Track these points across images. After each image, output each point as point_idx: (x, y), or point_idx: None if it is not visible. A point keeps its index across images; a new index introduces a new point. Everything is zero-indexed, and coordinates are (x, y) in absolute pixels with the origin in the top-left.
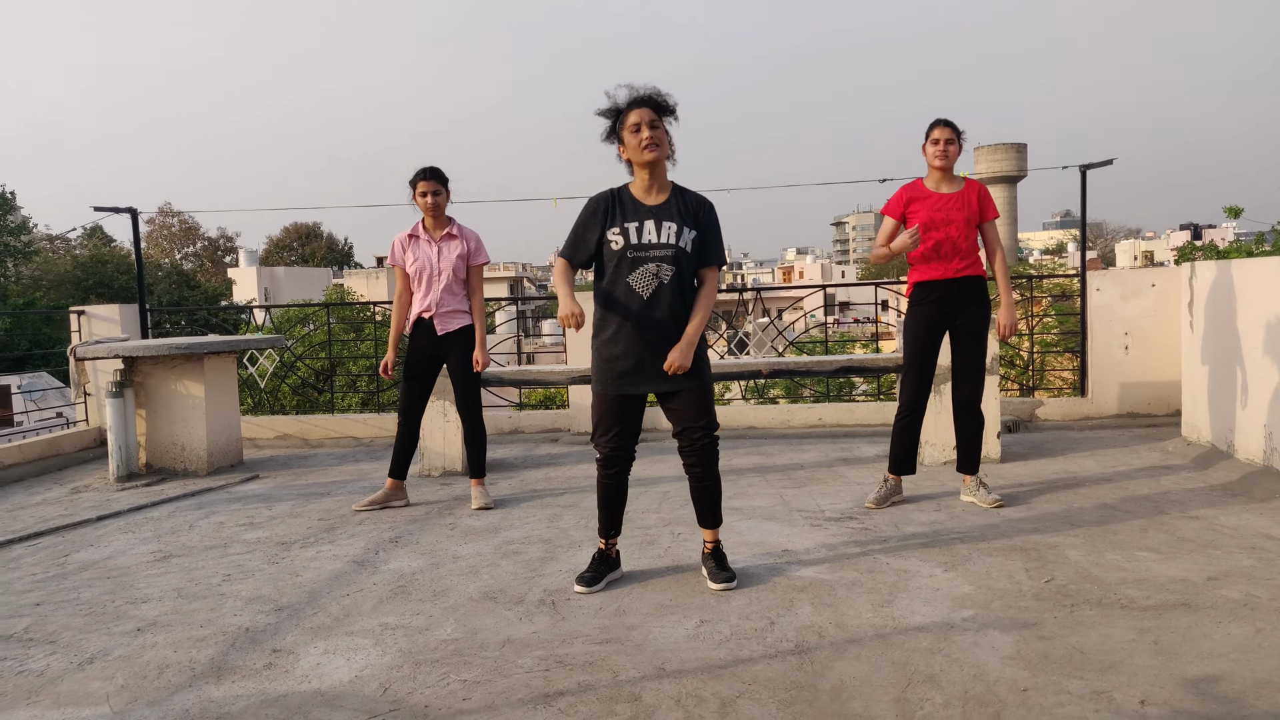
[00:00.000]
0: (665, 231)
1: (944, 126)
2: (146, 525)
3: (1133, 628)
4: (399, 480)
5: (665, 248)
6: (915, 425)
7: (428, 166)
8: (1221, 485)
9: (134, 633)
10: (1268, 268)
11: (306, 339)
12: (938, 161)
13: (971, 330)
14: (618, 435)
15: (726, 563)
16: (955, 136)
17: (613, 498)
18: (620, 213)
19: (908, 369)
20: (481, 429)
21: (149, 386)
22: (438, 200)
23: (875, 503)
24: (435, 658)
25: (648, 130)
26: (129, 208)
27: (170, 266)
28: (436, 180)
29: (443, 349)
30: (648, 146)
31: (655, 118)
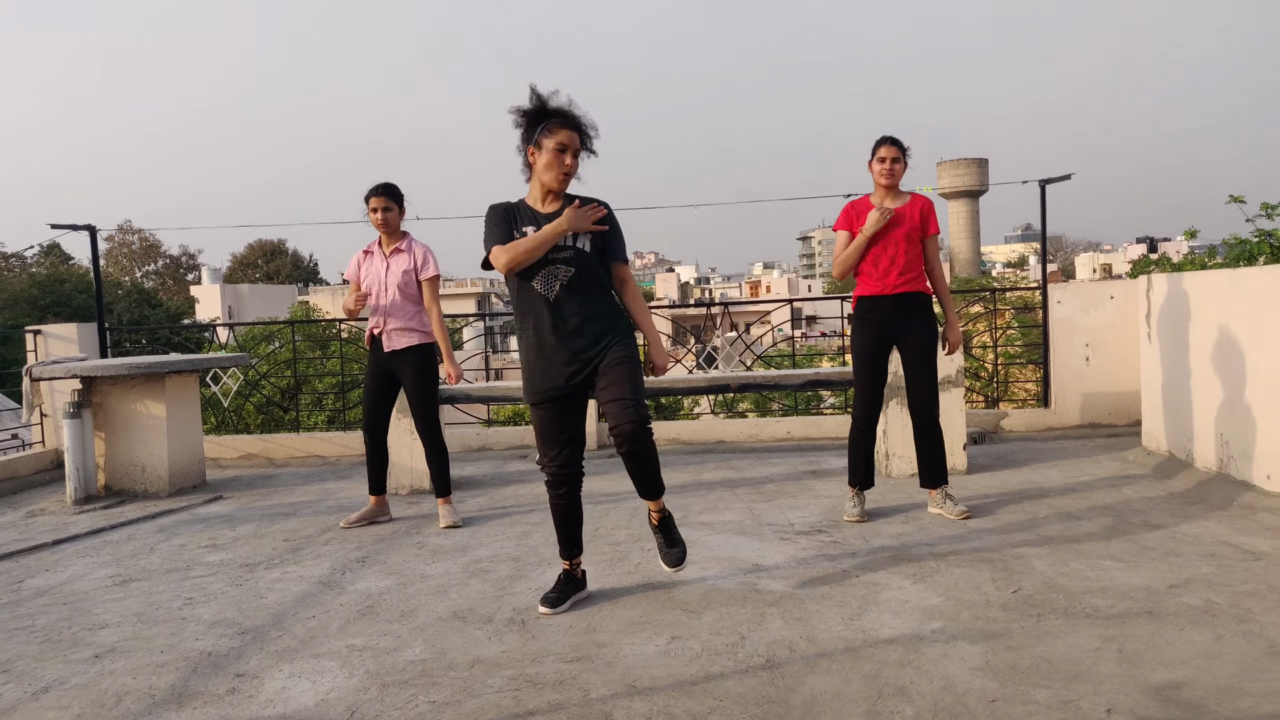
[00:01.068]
0: (565, 235)
1: (890, 145)
2: (105, 549)
3: (1098, 636)
4: (380, 496)
5: (564, 249)
6: (868, 437)
7: (380, 183)
8: (1181, 494)
9: (91, 660)
10: (1220, 280)
11: (271, 357)
12: (884, 180)
13: (917, 347)
14: (560, 451)
15: (676, 536)
16: (901, 154)
17: (567, 518)
18: (523, 221)
19: (856, 383)
20: (442, 447)
21: (108, 407)
22: (388, 216)
23: (860, 516)
24: (403, 679)
25: (570, 159)
26: (87, 225)
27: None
28: (388, 196)
29: (395, 367)
30: (567, 176)
31: (578, 144)
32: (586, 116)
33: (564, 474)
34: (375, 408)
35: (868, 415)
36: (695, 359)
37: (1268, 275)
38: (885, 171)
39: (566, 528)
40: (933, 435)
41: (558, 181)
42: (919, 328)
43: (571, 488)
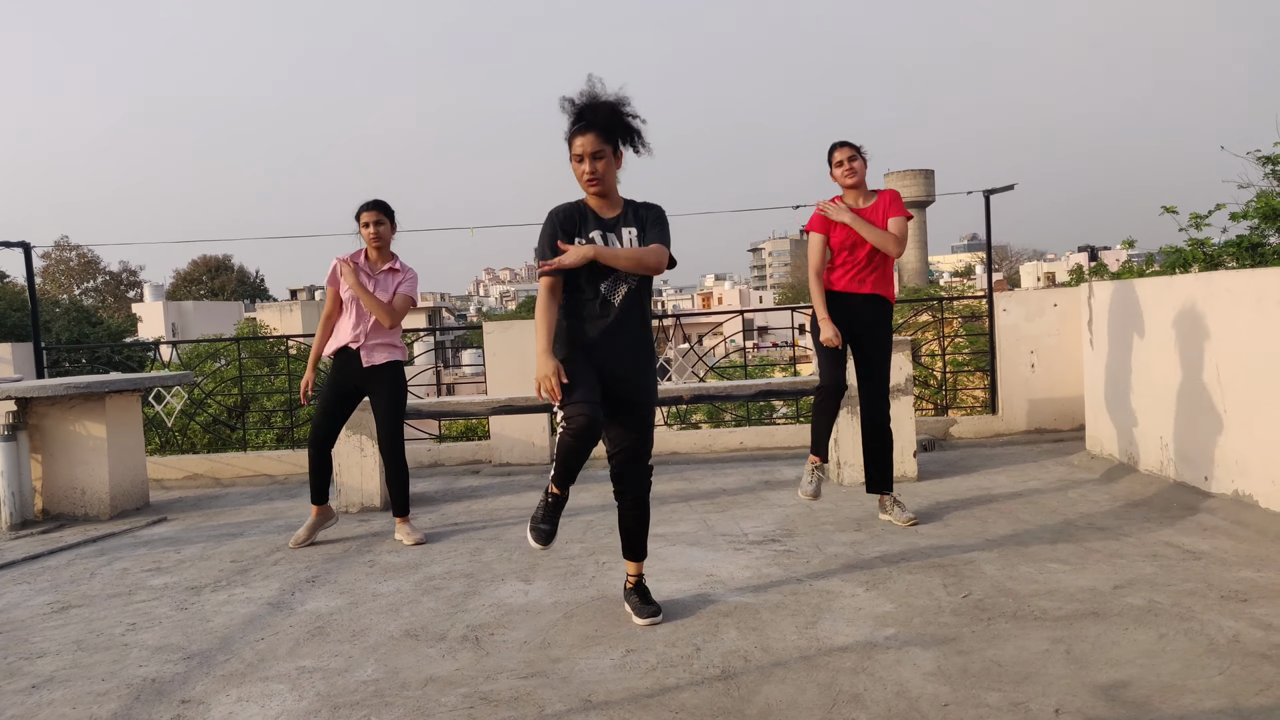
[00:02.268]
0: (626, 238)
1: (844, 147)
2: (43, 575)
3: (1046, 638)
4: (323, 505)
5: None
6: (832, 406)
7: (372, 198)
8: (1124, 496)
9: (28, 690)
10: (1157, 287)
11: (217, 375)
12: (848, 180)
13: (875, 353)
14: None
15: (650, 596)
16: (856, 152)
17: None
18: (582, 225)
19: (819, 358)
20: (404, 466)
21: (45, 428)
22: (380, 230)
23: (813, 494)
24: (355, 700)
25: (589, 164)
26: (21, 242)
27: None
28: (380, 211)
29: (367, 383)
30: (590, 181)
31: (599, 145)
32: (621, 108)
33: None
34: (332, 418)
35: (830, 382)
36: None
37: (1201, 282)
38: (847, 171)
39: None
40: (883, 438)
41: (585, 189)
42: (879, 329)
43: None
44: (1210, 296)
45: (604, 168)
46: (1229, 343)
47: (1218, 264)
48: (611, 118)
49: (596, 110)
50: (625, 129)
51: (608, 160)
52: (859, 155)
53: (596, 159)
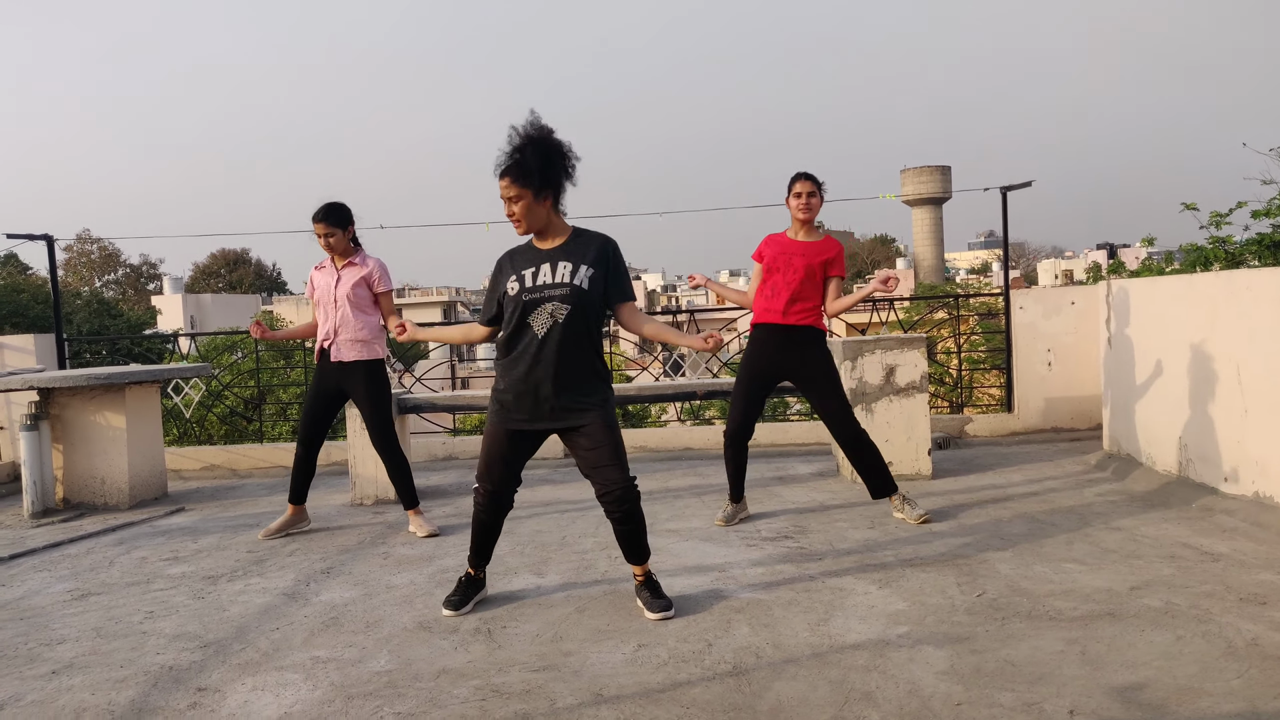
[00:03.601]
0: (560, 271)
1: (805, 180)
2: (63, 563)
3: (1061, 639)
4: (298, 505)
5: (560, 286)
6: (735, 451)
7: (322, 206)
8: (1141, 496)
9: (49, 676)
10: (1177, 286)
11: (234, 367)
12: (801, 214)
13: (812, 378)
14: (503, 474)
15: (661, 591)
16: (816, 189)
17: (487, 533)
18: (519, 262)
19: (732, 396)
20: (402, 460)
21: (66, 419)
22: (331, 241)
23: (724, 520)
24: (368, 690)
25: (508, 206)
26: (44, 235)
27: (90, 295)
28: (326, 223)
29: (345, 383)
30: (516, 222)
31: (516, 190)
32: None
33: (498, 496)
34: (315, 421)
35: (733, 430)
36: (662, 366)
37: (1222, 281)
38: (802, 206)
39: (482, 540)
40: (865, 455)
41: (517, 230)
42: (810, 357)
43: (499, 510)
44: (1231, 295)
45: (522, 210)
46: (1250, 342)
47: (1239, 262)
48: (528, 161)
49: (517, 153)
50: (549, 171)
51: (527, 203)
52: (818, 192)
53: (514, 202)
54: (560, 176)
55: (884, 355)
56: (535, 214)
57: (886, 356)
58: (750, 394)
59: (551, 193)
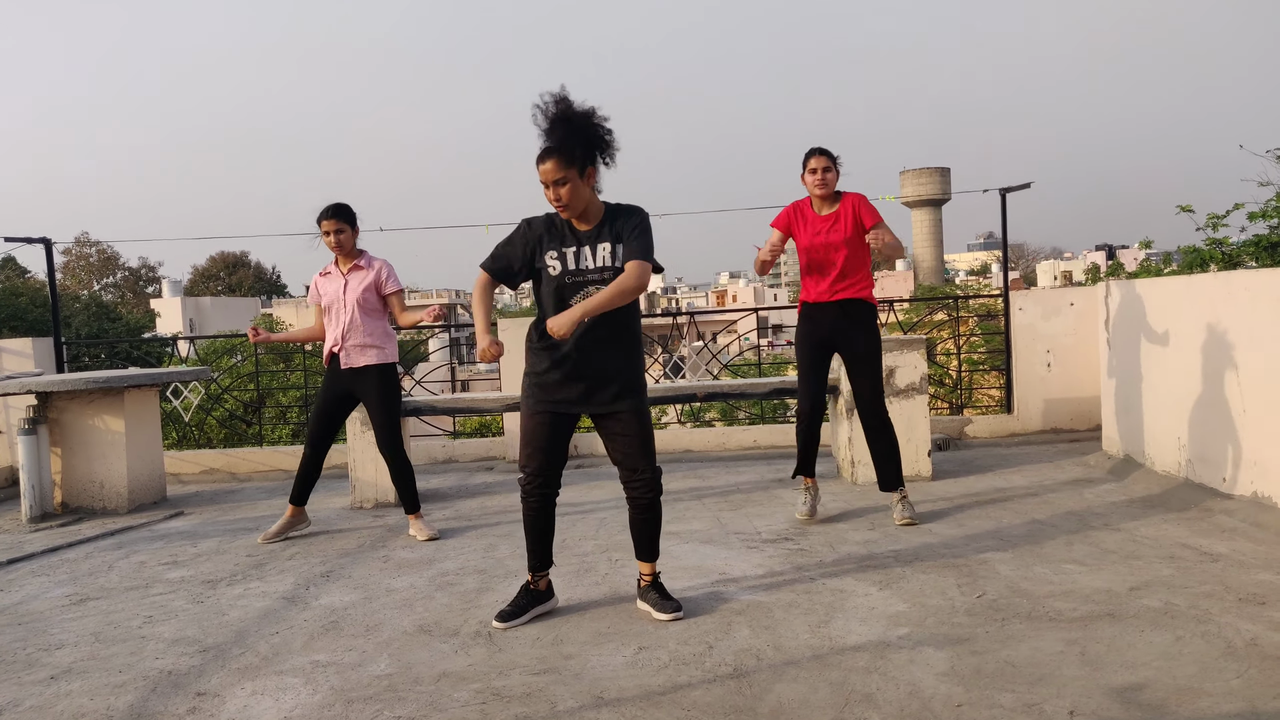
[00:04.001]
0: (600, 254)
1: (820, 155)
2: (62, 567)
3: (1061, 639)
4: (298, 507)
5: (601, 270)
6: (809, 428)
7: (331, 204)
8: (1141, 497)
9: (47, 681)
10: (1176, 287)
11: (234, 370)
12: (819, 190)
13: (858, 358)
14: (544, 463)
15: (668, 592)
16: (831, 163)
17: (534, 528)
18: (557, 238)
19: (798, 378)
20: (406, 465)
21: (64, 422)
22: (341, 239)
23: (808, 514)
24: (368, 694)
25: (553, 190)
26: (42, 238)
27: (89, 298)
28: (338, 219)
29: (356, 388)
30: (560, 207)
31: (561, 172)
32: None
33: (543, 483)
34: (324, 425)
35: (806, 406)
36: (662, 368)
37: (1220, 282)
38: (819, 182)
39: (532, 537)
40: (883, 443)
41: (561, 214)
42: (859, 337)
43: (545, 499)
44: (1229, 296)
45: (569, 193)
46: (1248, 343)
47: (1236, 263)
48: (569, 139)
49: (554, 133)
50: (588, 145)
51: (573, 184)
52: (834, 166)
53: (560, 185)
54: (601, 151)
55: (884, 357)
56: (580, 194)
57: (886, 358)
58: (815, 369)
59: (594, 169)
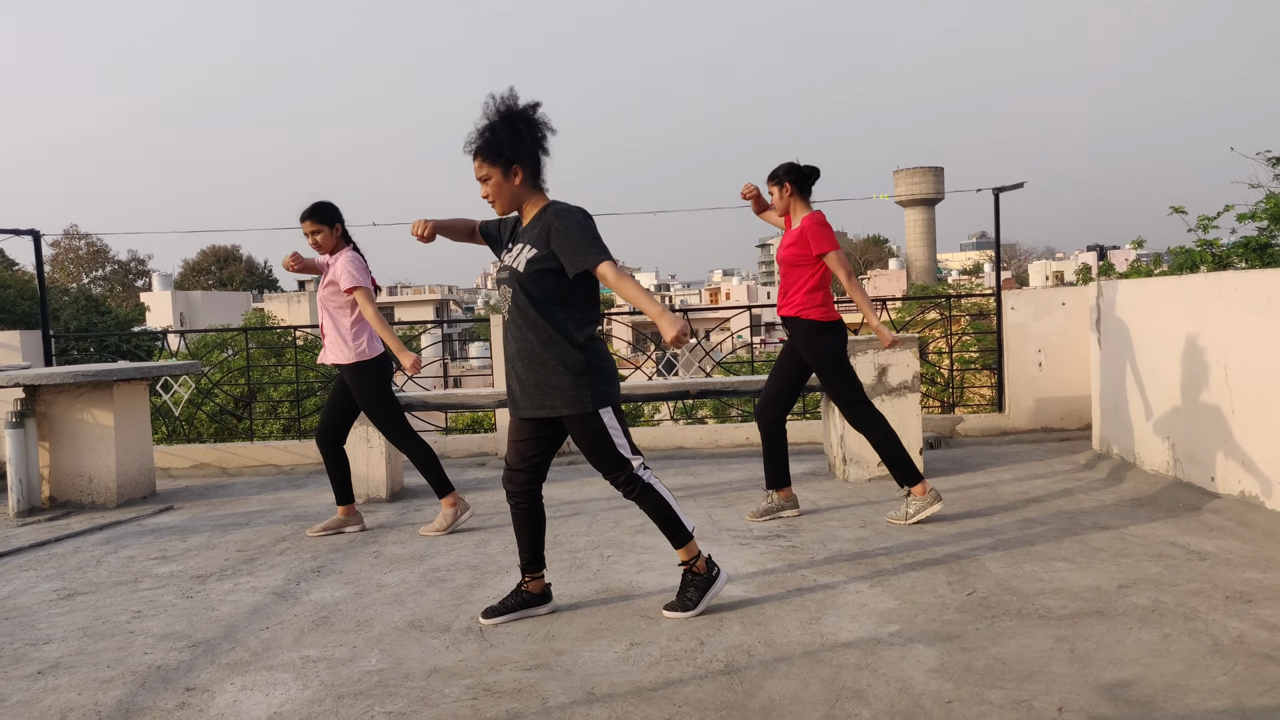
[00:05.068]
0: (515, 254)
1: (769, 179)
2: (49, 562)
3: (1050, 636)
4: (347, 505)
5: (506, 270)
6: (763, 431)
7: (309, 206)
8: (1130, 496)
9: (34, 676)
10: (1166, 287)
11: (225, 365)
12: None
13: (816, 371)
14: (516, 464)
15: (684, 591)
16: (776, 182)
17: (519, 525)
18: (510, 233)
19: None
20: (420, 450)
21: (53, 416)
22: (319, 239)
23: (756, 512)
24: (359, 689)
25: (485, 188)
26: (31, 229)
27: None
28: (314, 219)
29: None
30: (491, 203)
31: (485, 170)
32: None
33: (511, 479)
34: (324, 417)
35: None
36: (655, 365)
37: (1210, 283)
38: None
39: (518, 537)
40: (873, 441)
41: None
42: (805, 352)
43: (517, 497)
44: (1219, 297)
45: (493, 190)
46: (1237, 343)
47: (1226, 265)
48: (495, 138)
49: (483, 132)
50: (514, 145)
51: (496, 181)
52: (779, 184)
53: (484, 182)
54: (533, 150)
55: (876, 355)
56: (506, 191)
57: (879, 356)
58: (776, 370)
59: (524, 168)
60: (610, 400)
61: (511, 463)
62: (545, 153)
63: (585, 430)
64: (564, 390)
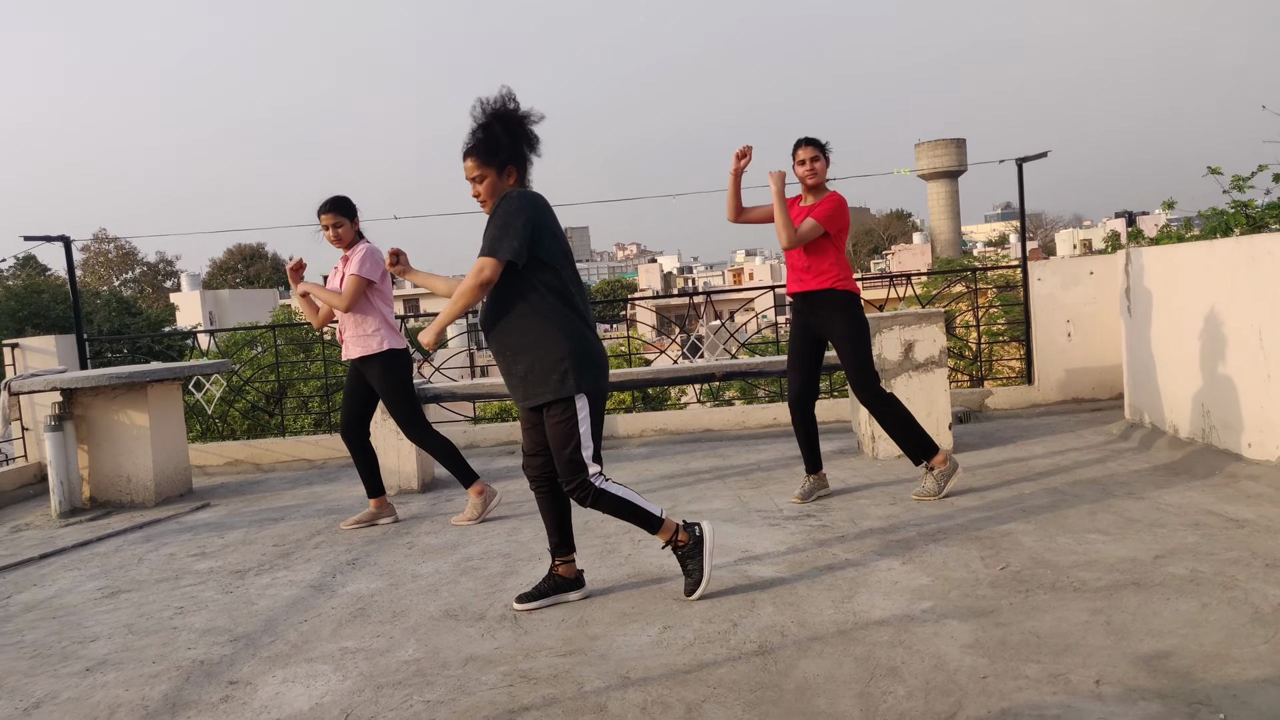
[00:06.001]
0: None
1: (808, 145)
2: (93, 561)
3: (1086, 609)
4: (379, 498)
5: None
6: (798, 418)
7: (328, 199)
8: (1164, 465)
9: (83, 673)
10: (1197, 252)
11: (254, 362)
12: (809, 180)
13: (833, 338)
14: (530, 453)
15: (685, 567)
16: (820, 153)
17: (544, 510)
18: None
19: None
20: (438, 444)
21: (90, 418)
22: (339, 232)
23: (799, 496)
24: (397, 679)
25: (473, 187)
26: (61, 236)
27: (109, 294)
28: (334, 212)
29: (366, 377)
30: (482, 203)
31: (477, 169)
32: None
33: (528, 465)
34: (345, 411)
35: (795, 401)
36: (680, 349)
37: (1244, 246)
38: (809, 172)
39: (544, 521)
40: (882, 417)
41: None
42: (826, 318)
43: (535, 482)
44: (1252, 260)
45: (486, 190)
46: (1272, 307)
47: (1260, 227)
48: (491, 139)
49: (478, 132)
50: (512, 146)
51: (490, 182)
52: (823, 156)
53: (478, 182)
54: (525, 151)
55: (902, 331)
56: (500, 192)
57: (904, 332)
58: (793, 364)
59: (516, 168)
60: (588, 388)
61: (526, 449)
62: (538, 155)
63: (559, 417)
64: (546, 378)
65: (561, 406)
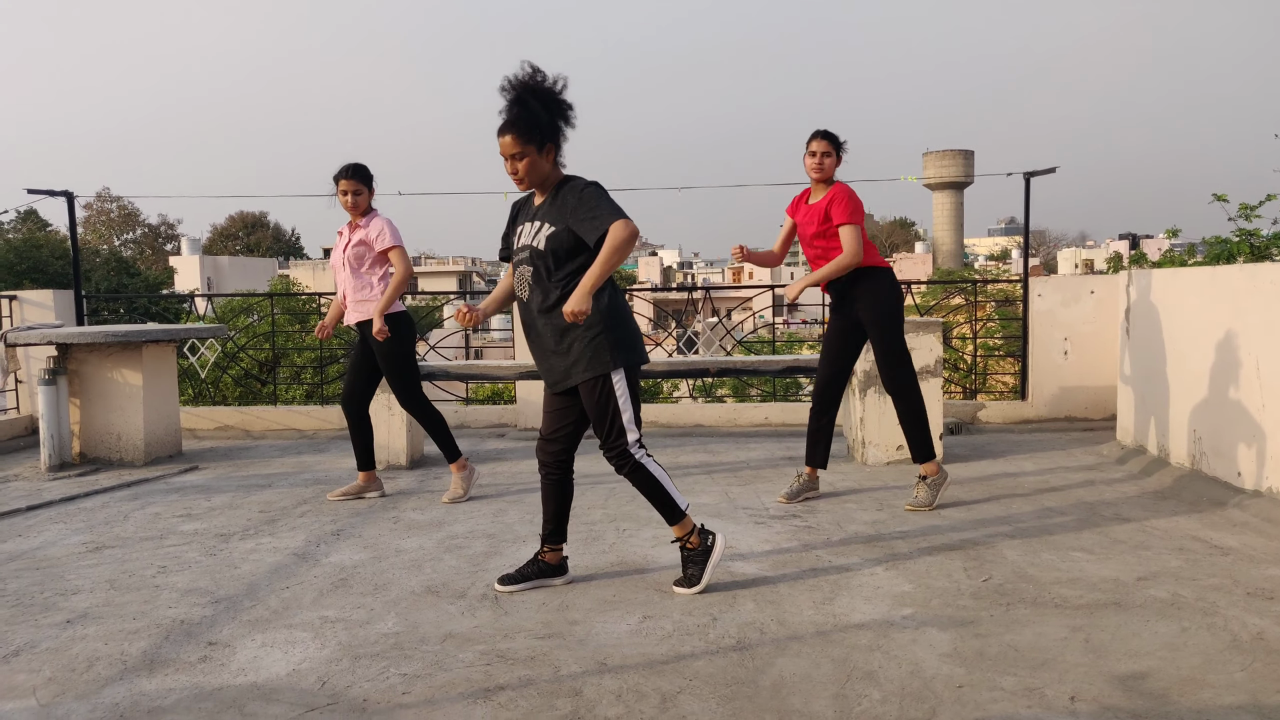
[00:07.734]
0: (531, 233)
1: (820, 139)
2: (79, 516)
3: (1065, 626)
4: (368, 471)
5: (525, 250)
6: (817, 418)
7: (349, 164)
8: (1153, 488)
9: (63, 624)
10: (1200, 278)
11: (250, 329)
12: (814, 174)
13: (865, 323)
14: (549, 434)
15: (686, 567)
16: (833, 148)
17: (547, 495)
18: (526, 214)
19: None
20: (432, 416)
21: (84, 374)
22: (357, 200)
23: (785, 496)
24: (375, 651)
25: (509, 164)
26: (65, 191)
27: (109, 253)
28: (357, 179)
29: (367, 342)
30: (517, 181)
31: (516, 146)
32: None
33: (543, 448)
34: (349, 381)
35: (816, 394)
36: (676, 343)
37: (1246, 274)
38: (815, 165)
39: (544, 506)
40: (899, 408)
41: (519, 188)
42: (858, 304)
43: (547, 466)
44: (1254, 290)
45: (526, 168)
46: (1271, 336)
47: (1265, 256)
48: (530, 114)
49: (515, 107)
50: (550, 121)
51: (531, 159)
52: (835, 153)
53: (518, 160)
54: (561, 125)
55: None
56: (538, 170)
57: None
58: (825, 357)
59: (554, 145)
60: (629, 363)
61: (545, 432)
62: (572, 128)
63: (598, 392)
64: (586, 355)
65: (603, 381)
